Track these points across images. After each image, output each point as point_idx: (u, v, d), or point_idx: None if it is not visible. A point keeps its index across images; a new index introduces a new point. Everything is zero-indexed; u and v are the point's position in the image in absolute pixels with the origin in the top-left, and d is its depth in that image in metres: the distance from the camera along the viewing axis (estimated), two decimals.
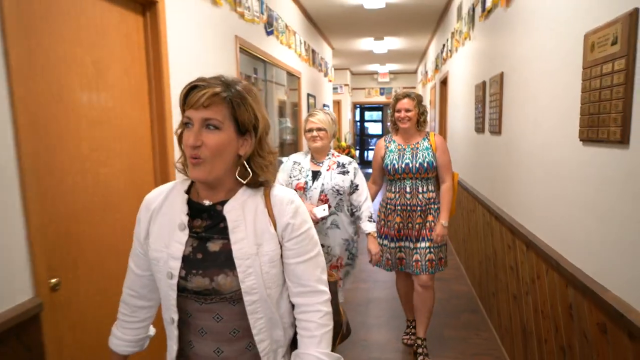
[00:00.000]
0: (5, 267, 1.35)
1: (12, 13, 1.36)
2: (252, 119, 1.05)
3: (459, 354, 2.86)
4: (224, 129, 1.02)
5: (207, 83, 1.02)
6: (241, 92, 1.04)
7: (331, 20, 6.36)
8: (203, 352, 1.11)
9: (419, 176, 2.69)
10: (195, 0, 2.60)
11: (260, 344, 1.09)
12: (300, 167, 2.53)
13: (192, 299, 1.07)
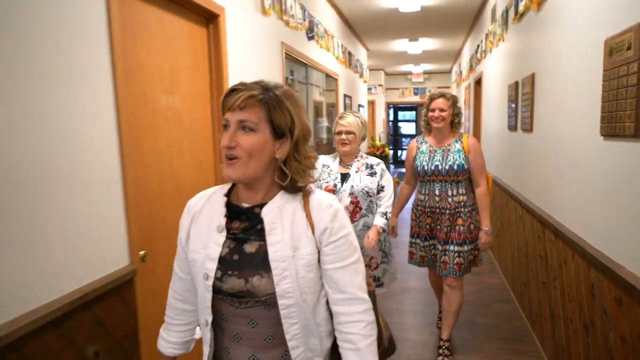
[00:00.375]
0: (111, 240, 1.67)
1: (117, 34, 1.68)
2: (288, 122, 1.04)
3: (489, 338, 3.03)
4: (259, 131, 1.02)
5: (245, 87, 1.04)
6: (279, 95, 1.04)
7: (367, 23, 6.59)
8: (238, 358, 1.10)
9: (448, 179, 2.65)
10: (248, 12, 2.90)
11: (293, 351, 1.07)
12: (329, 170, 2.56)
13: (227, 302, 1.07)
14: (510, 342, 2.99)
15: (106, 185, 1.63)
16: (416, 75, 12.75)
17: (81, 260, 1.51)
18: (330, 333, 1.13)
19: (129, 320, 1.73)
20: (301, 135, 1.07)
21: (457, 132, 2.77)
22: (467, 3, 5.54)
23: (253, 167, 1.02)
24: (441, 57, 10.24)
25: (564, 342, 2.34)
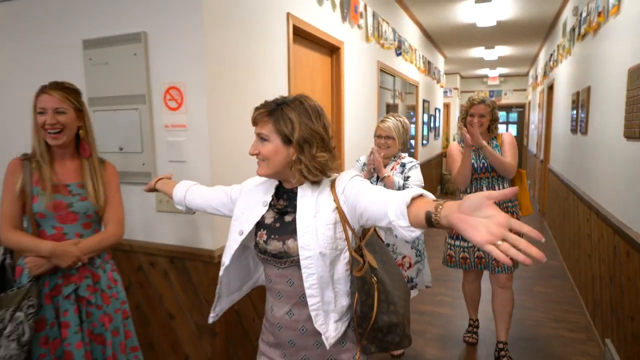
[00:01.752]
0: None
1: (291, 67, 2.69)
2: (290, 130, 1.22)
3: (544, 302, 3.72)
4: (271, 140, 1.24)
5: (263, 105, 1.27)
6: (283, 109, 1.23)
7: (445, 35, 7.30)
8: (279, 314, 1.30)
9: (495, 175, 2.68)
10: (358, 42, 3.84)
11: (310, 299, 1.21)
12: (367, 169, 2.64)
13: (271, 263, 1.30)
14: (562, 304, 3.66)
15: None
16: (492, 78, 13.07)
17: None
18: (346, 294, 1.26)
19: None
20: (303, 140, 1.22)
21: (493, 134, 2.77)
22: (541, 16, 6.09)
23: (273, 167, 1.25)
24: (518, 62, 10.57)
25: (598, 295, 3.04)
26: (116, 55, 2.09)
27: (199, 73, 1.96)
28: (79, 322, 1.62)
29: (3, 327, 1.42)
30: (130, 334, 1.78)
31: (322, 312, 1.22)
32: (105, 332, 1.67)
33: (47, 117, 1.59)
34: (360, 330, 1.26)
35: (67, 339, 1.59)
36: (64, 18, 2.21)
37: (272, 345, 1.36)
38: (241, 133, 2.20)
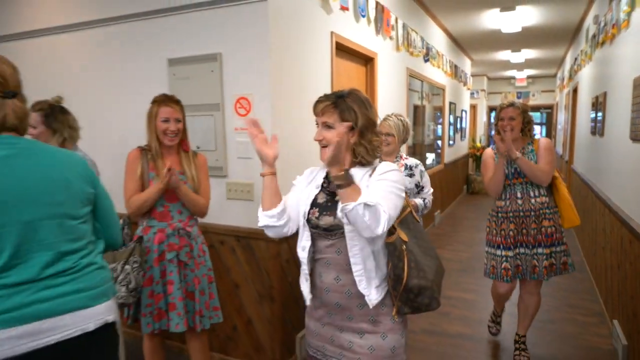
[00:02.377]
0: None
1: (333, 76, 3.11)
2: (354, 119, 1.43)
3: (562, 290, 4.03)
4: (336, 128, 1.41)
5: (325, 98, 1.47)
6: (346, 101, 1.44)
7: (472, 40, 7.60)
8: (328, 280, 1.49)
9: (528, 180, 2.62)
10: (390, 51, 4.24)
11: (354, 266, 1.42)
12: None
13: (322, 236, 1.49)
14: (578, 293, 3.97)
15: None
16: (520, 80, 13.19)
17: None
18: (385, 264, 1.47)
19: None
20: (364, 126, 1.46)
21: (529, 138, 2.70)
22: (565, 22, 6.33)
23: (337, 150, 1.36)
24: (545, 64, 10.72)
25: (609, 283, 3.35)
26: (196, 71, 2.57)
27: (265, 86, 2.41)
28: (180, 281, 2.09)
29: (117, 275, 1.89)
30: (213, 296, 2.25)
31: (365, 278, 1.42)
32: (195, 290, 2.13)
33: (170, 125, 2.07)
34: (395, 293, 1.45)
35: (172, 294, 2.06)
36: (153, 40, 2.71)
37: (319, 307, 1.56)
38: (297, 134, 2.65)
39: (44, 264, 1.28)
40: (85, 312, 1.34)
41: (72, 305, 1.31)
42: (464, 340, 3.14)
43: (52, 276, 1.30)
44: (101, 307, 1.38)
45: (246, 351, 2.71)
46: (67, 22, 3.07)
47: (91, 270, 1.39)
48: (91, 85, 2.98)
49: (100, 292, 1.40)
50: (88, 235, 1.43)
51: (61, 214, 1.33)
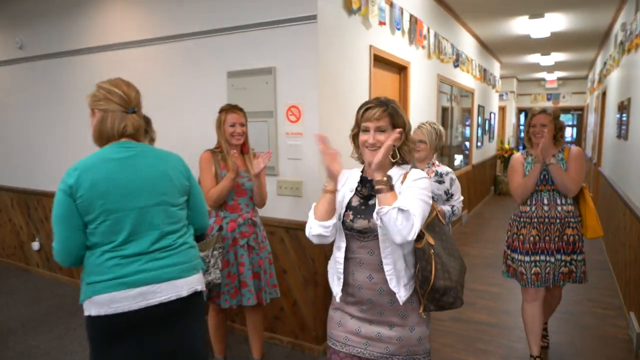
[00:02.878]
0: None
1: (372, 84, 3.44)
2: (402, 123, 1.59)
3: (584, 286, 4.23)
4: (387, 131, 1.56)
5: (376, 104, 1.58)
6: (395, 107, 1.58)
7: (501, 45, 7.77)
8: (360, 278, 1.60)
9: (556, 188, 2.62)
10: (422, 59, 4.54)
11: (386, 267, 1.54)
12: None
13: (356, 238, 1.60)
14: (600, 289, 4.17)
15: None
16: (550, 82, 13.17)
17: None
18: (414, 265, 1.57)
19: None
20: (408, 129, 1.64)
21: (560, 145, 2.70)
22: (594, 27, 6.45)
23: (385, 154, 1.48)
24: (575, 66, 10.72)
25: (628, 277, 3.56)
26: (252, 83, 2.94)
27: (313, 96, 2.77)
28: (249, 263, 2.48)
29: (208, 260, 2.27)
30: (272, 275, 2.62)
31: (395, 277, 1.54)
32: (260, 270, 2.52)
33: (236, 129, 2.45)
34: (422, 292, 1.56)
35: (244, 274, 2.45)
36: (214, 55, 3.11)
37: (351, 303, 1.66)
38: (341, 139, 2.99)
39: (152, 241, 1.66)
40: (180, 282, 1.71)
41: (170, 276, 1.68)
42: (488, 327, 3.42)
43: (157, 251, 1.67)
44: (192, 278, 1.75)
45: (292, 329, 3.07)
46: (136, 38, 3.51)
47: (185, 249, 1.76)
48: (158, 94, 3.40)
49: (192, 266, 1.76)
50: (183, 220, 1.80)
51: (165, 202, 1.70)
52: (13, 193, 4.70)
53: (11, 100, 4.55)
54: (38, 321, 3.53)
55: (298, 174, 2.89)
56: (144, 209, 1.65)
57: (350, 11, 3.07)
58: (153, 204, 1.67)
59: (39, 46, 4.20)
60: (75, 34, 3.91)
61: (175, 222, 1.74)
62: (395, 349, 1.62)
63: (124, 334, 1.63)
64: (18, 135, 4.55)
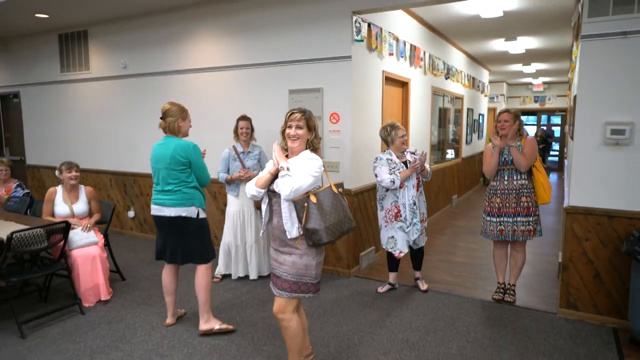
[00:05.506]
0: None
1: (384, 99, 4.98)
2: (313, 124, 2.42)
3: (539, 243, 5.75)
4: (303, 128, 2.39)
5: (298, 111, 2.40)
6: (307, 113, 2.41)
7: (486, 57, 9.29)
8: (274, 221, 2.46)
9: (514, 167, 3.63)
10: (419, 76, 6.07)
11: (283, 214, 2.36)
12: (391, 161, 3.83)
13: (272, 196, 2.42)
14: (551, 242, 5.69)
15: (377, 152, 4.95)
16: (537, 86, 14.69)
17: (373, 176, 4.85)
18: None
19: None
20: (314, 128, 2.45)
21: (520, 136, 3.67)
22: (561, 44, 7.94)
23: (302, 143, 2.43)
24: (556, 73, 12.19)
25: None
26: (306, 98, 4.48)
27: (348, 106, 4.30)
28: None
29: None
30: None
31: (290, 221, 2.34)
32: None
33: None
34: (301, 229, 2.32)
35: None
36: (279, 78, 4.66)
37: (273, 238, 2.48)
38: (365, 135, 4.53)
39: (162, 186, 3.19)
40: (170, 209, 3.15)
41: (166, 204, 3.16)
42: (466, 265, 4.95)
43: (163, 192, 3.19)
44: (178, 209, 3.14)
45: (331, 260, 4.61)
46: (218, 65, 5.05)
47: (178, 193, 3.16)
48: (235, 107, 4.92)
49: (179, 202, 3.14)
50: (181, 178, 3.17)
51: (168, 167, 3.14)
52: (112, 175, 6.25)
53: (115, 106, 6.10)
54: (146, 262, 5.06)
55: (337, 157, 4.43)
56: (160, 170, 3.18)
57: (370, 49, 4.61)
58: (163, 168, 3.17)
59: (139, 67, 5.74)
60: (168, 58, 5.45)
61: (175, 179, 3.14)
62: (289, 269, 2.39)
63: (157, 226, 3.29)
64: (118, 132, 6.09)
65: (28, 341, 3.18)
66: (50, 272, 3.66)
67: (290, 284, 2.38)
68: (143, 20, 5.59)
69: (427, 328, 3.38)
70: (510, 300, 3.84)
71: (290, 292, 2.39)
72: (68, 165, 4.03)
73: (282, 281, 2.39)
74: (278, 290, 2.42)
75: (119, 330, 3.34)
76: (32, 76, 6.96)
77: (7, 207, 4.58)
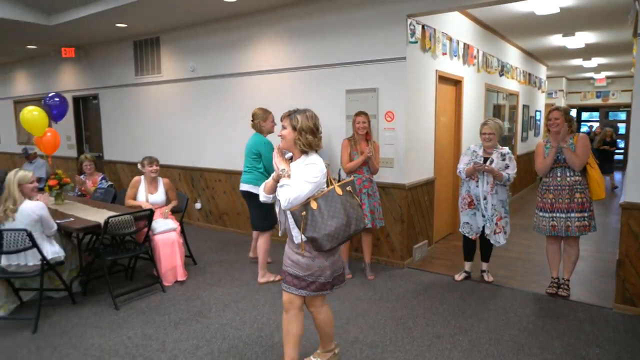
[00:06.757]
0: (428, 166, 5.15)
1: (437, 97, 5.14)
2: (295, 124, 2.31)
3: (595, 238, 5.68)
4: (287, 128, 2.36)
5: (289, 112, 2.39)
6: (295, 114, 2.34)
7: (544, 53, 9.10)
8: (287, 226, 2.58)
9: (566, 165, 3.68)
10: (472, 74, 6.14)
11: (290, 220, 2.41)
12: (476, 154, 4.04)
13: None
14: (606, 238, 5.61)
15: (430, 149, 5.12)
16: (599, 80, 14.05)
17: (426, 171, 5.01)
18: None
19: (429, 196, 5.22)
20: (301, 130, 2.32)
21: (572, 133, 3.73)
22: (624, 37, 7.67)
23: (290, 144, 2.38)
24: (621, 67, 11.66)
25: None
26: (362, 97, 4.73)
27: (402, 105, 4.51)
28: (368, 204, 4.22)
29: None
30: (380, 212, 4.37)
31: (296, 227, 2.34)
32: (374, 208, 4.26)
33: (360, 124, 4.20)
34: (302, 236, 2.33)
35: (365, 209, 4.19)
36: (337, 79, 4.94)
37: (288, 239, 2.51)
38: (418, 133, 4.72)
39: (244, 167, 3.95)
40: (243, 185, 4.06)
41: (243, 181, 4.06)
42: (519, 261, 5.02)
43: (244, 172, 4.08)
44: (246, 185, 4.05)
45: (386, 252, 4.84)
46: (280, 67, 5.41)
47: (249, 174, 4.00)
48: (298, 105, 5.24)
49: (249, 181, 4.09)
50: (254, 164, 4.06)
51: (247, 155, 4.03)
52: (181, 170, 6.79)
53: (183, 106, 6.63)
54: (213, 249, 5.51)
55: (391, 153, 4.65)
56: (245, 156, 4.15)
57: (424, 50, 4.78)
58: (246, 155, 4.16)
59: (206, 70, 6.23)
60: (234, 61, 5.88)
61: (250, 164, 4.22)
62: (303, 270, 2.41)
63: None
64: (186, 130, 6.62)
65: (121, 312, 3.66)
66: (137, 253, 4.15)
67: (307, 283, 2.41)
68: (209, 27, 6.06)
69: (479, 316, 3.54)
70: (564, 294, 3.88)
71: (310, 291, 2.43)
72: (150, 159, 4.51)
73: (299, 280, 2.42)
74: (297, 289, 2.44)
75: (196, 307, 3.76)
76: (109, 79, 7.67)
77: (95, 197, 5.17)
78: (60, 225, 3.72)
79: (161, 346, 3.11)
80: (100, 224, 3.73)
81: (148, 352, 3.03)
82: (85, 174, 5.43)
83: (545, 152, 3.81)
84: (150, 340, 3.20)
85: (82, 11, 5.77)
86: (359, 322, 3.45)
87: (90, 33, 6.87)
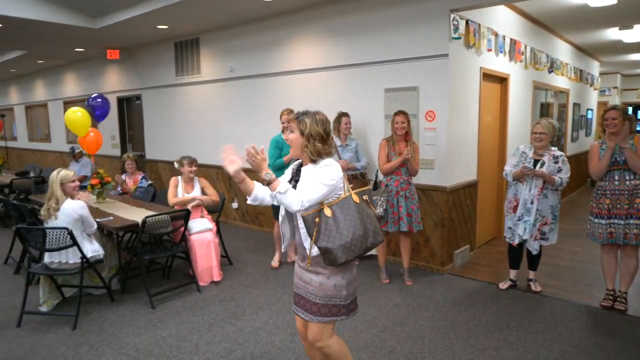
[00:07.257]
0: (471, 168, 4.92)
1: (482, 96, 4.89)
2: (303, 129, 2.03)
3: None
4: (295, 132, 2.07)
5: (296, 114, 2.10)
6: (302, 118, 2.06)
7: (597, 48, 8.56)
8: (297, 238, 2.19)
9: (626, 167, 3.40)
10: (519, 70, 5.83)
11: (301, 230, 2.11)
12: (525, 156, 3.80)
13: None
14: None
15: (473, 149, 4.88)
16: None
17: (468, 173, 4.79)
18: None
19: (471, 198, 4.98)
20: (310, 135, 2.03)
21: (632, 133, 3.49)
22: None
23: (298, 149, 2.08)
24: None
25: None
26: (401, 96, 4.57)
27: (444, 104, 4.32)
28: (405, 206, 4.07)
29: (378, 201, 3.92)
30: (418, 215, 4.18)
31: (308, 238, 2.05)
32: (412, 211, 4.10)
33: (399, 124, 4.05)
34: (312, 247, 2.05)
35: (402, 212, 4.05)
36: (376, 77, 4.79)
37: (297, 255, 2.24)
38: (461, 134, 4.51)
39: None
40: None
41: None
42: (571, 270, 4.70)
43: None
44: None
45: (425, 257, 4.66)
46: (317, 66, 5.31)
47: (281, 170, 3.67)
48: (335, 104, 5.15)
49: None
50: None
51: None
52: (218, 169, 6.84)
53: (223, 105, 6.67)
54: (250, 250, 5.49)
55: (432, 154, 4.46)
56: None
57: (468, 46, 4.56)
58: None
59: (244, 70, 6.23)
60: (272, 61, 5.84)
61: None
62: (317, 291, 2.10)
63: None
64: (225, 129, 6.66)
65: (157, 311, 3.68)
66: (174, 253, 4.18)
67: (319, 307, 2.10)
68: (247, 27, 6.05)
69: (526, 329, 3.31)
70: (622, 308, 3.59)
71: (322, 317, 2.11)
72: (189, 160, 4.53)
73: (311, 304, 2.12)
74: (308, 314, 2.14)
75: (230, 308, 3.73)
76: (151, 80, 7.84)
77: (135, 196, 5.26)
78: (99, 223, 3.79)
79: (194, 348, 3.09)
80: (138, 223, 3.77)
81: (181, 354, 3.01)
82: (127, 173, 5.54)
83: (600, 154, 3.55)
84: (184, 341, 3.19)
85: (125, 14, 5.91)
86: (396, 331, 3.31)
87: (133, 35, 7.03)
